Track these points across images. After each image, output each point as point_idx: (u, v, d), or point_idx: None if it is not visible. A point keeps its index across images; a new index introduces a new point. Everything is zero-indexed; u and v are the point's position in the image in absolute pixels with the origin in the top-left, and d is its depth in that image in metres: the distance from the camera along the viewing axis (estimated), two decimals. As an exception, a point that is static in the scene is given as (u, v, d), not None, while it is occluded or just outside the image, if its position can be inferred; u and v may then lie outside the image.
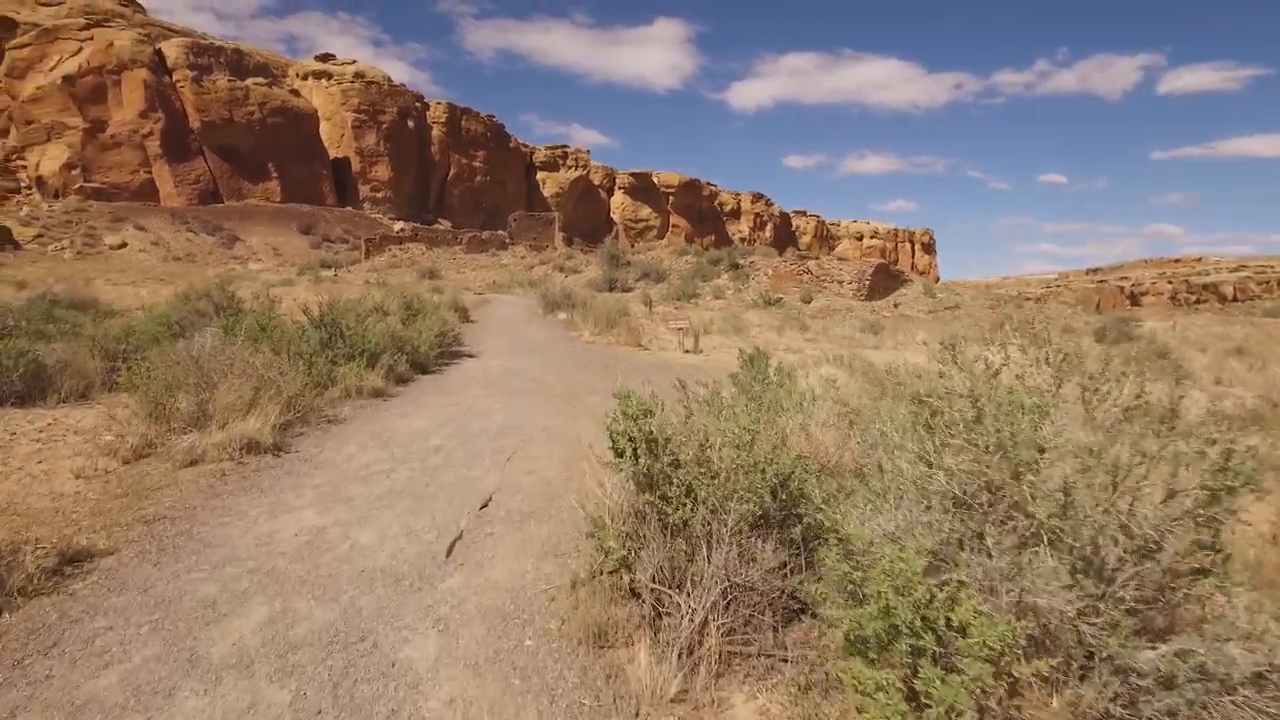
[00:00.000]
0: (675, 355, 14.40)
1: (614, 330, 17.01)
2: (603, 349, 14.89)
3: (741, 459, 3.28)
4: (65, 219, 55.12)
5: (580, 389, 9.63)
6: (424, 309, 13.28)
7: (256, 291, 16.68)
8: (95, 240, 53.19)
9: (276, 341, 8.63)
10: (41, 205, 57.22)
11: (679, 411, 4.23)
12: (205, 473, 5.44)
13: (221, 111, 65.56)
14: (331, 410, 7.65)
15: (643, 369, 12.03)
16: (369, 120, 76.25)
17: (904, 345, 21.08)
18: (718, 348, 16.09)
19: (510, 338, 15.95)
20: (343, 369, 8.53)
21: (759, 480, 3.22)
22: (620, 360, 13.14)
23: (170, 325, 12.88)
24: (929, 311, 36.70)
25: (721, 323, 21.26)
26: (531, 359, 12.48)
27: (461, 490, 5.29)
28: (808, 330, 21.73)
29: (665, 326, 20.44)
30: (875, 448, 3.88)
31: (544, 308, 22.19)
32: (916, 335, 23.01)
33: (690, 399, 4.61)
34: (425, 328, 11.13)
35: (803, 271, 37.74)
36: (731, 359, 15.03)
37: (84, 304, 19.10)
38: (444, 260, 53.86)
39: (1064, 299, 74.45)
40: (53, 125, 60.85)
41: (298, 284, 33.33)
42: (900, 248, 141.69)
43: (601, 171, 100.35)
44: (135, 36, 63.89)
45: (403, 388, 9.25)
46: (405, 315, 12.33)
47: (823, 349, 17.83)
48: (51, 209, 56.46)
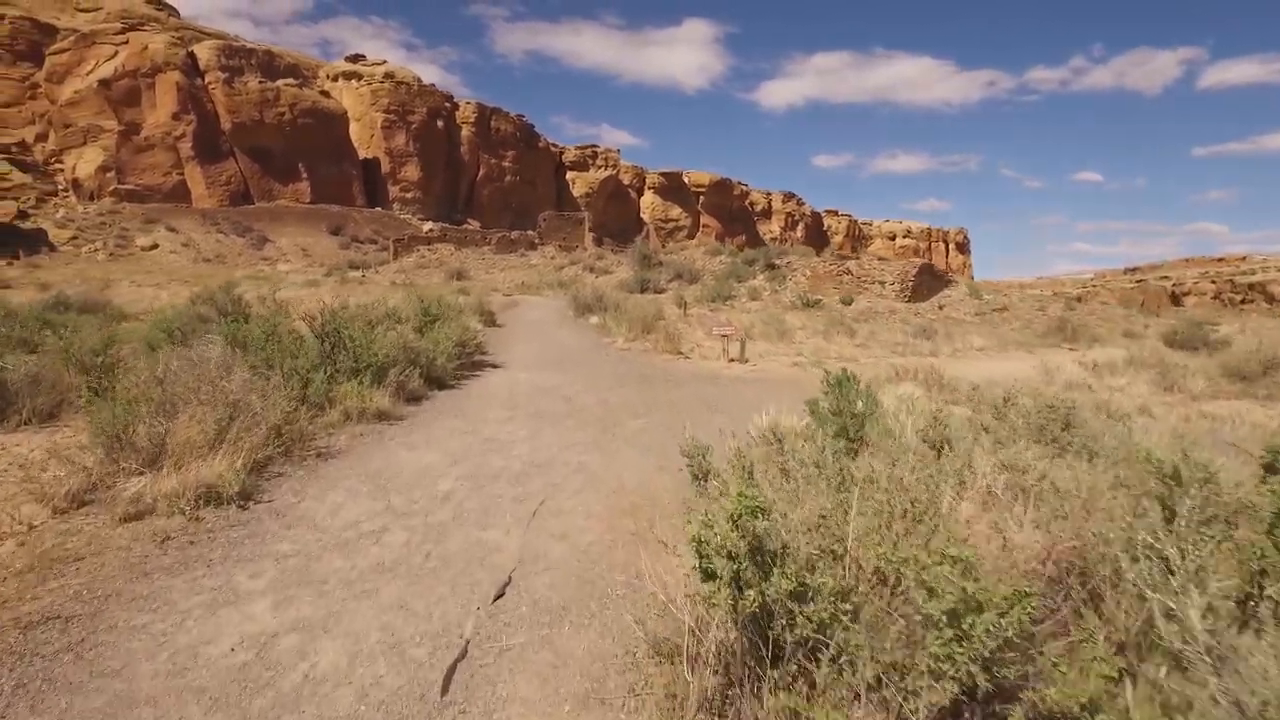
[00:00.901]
0: (719, 365, 13.00)
1: (650, 335, 15.67)
2: (639, 357, 13.55)
3: (934, 606, 1.90)
4: (99, 221, 55.49)
5: (618, 410, 8.30)
6: (444, 314, 12.06)
7: (263, 294, 15.61)
8: (128, 242, 53.41)
9: (270, 355, 7.44)
10: (77, 207, 57.74)
11: (788, 488, 2.85)
12: (146, 533, 4.21)
13: (252, 113, 65.68)
14: (325, 440, 6.41)
15: (687, 382, 10.67)
16: (398, 120, 76.00)
17: (962, 353, 19.39)
18: (764, 355, 14.66)
19: (539, 345, 14.69)
20: (343, 387, 7.30)
21: (972, 646, 1.84)
22: (660, 371, 11.79)
23: (171, 332, 11.88)
24: (975, 313, 34.74)
25: (763, 326, 19.79)
26: (562, 371, 11.18)
27: (471, 565, 3.98)
28: (855, 335, 20.15)
29: (706, 331, 19.07)
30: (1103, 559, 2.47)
31: (575, 310, 20.93)
32: (972, 340, 21.29)
33: (791, 459, 3.25)
34: (443, 336, 9.88)
35: (842, 272, 36.04)
36: (782, 369, 13.57)
37: (96, 307, 18.33)
38: (472, 261, 53.04)
39: (1102, 299, 71.22)
40: (89, 128, 61.43)
41: (323, 285, 32.60)
42: (934, 247, 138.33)
43: (631, 171, 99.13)
44: (169, 40, 64.30)
45: (414, 408, 7.99)
46: (422, 322, 11.10)
47: (877, 357, 16.30)
48: (86, 211, 56.91)
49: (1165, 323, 40.92)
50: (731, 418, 8.00)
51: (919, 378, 9.76)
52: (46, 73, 62.77)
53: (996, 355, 19.11)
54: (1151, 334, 33.99)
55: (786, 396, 9.54)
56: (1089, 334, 25.50)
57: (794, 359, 14.51)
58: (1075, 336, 25.09)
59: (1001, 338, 24.39)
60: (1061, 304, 36.65)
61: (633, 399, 9.00)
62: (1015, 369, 15.87)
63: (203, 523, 4.40)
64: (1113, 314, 44.07)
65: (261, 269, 51.66)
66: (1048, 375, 13.78)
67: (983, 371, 14.42)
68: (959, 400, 9.01)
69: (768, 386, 10.69)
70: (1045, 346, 22.74)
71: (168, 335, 11.79)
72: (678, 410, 8.34)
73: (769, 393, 10.00)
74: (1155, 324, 39.03)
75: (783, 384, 11.02)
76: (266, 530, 4.37)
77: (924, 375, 9.74)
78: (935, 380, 9.40)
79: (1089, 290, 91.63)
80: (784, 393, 10.09)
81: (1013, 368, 16.17)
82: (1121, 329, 32.32)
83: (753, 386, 10.61)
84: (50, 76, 62.89)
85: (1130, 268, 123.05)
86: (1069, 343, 24.33)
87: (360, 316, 9.54)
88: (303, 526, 4.46)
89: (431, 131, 77.81)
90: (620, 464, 5.99)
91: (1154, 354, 19.94)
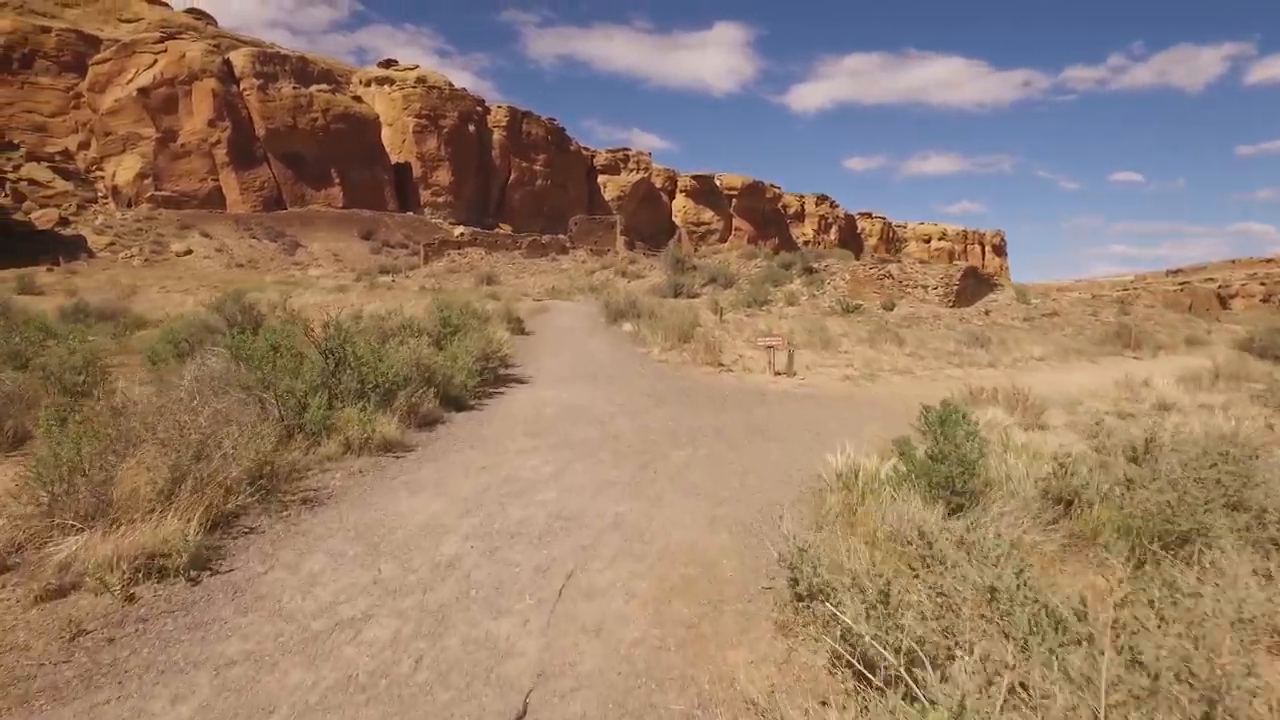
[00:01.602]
0: (765, 378, 11.83)
1: (688, 345, 14.57)
2: (677, 369, 12.45)
3: None
4: (136, 227, 56.17)
5: (658, 438, 7.21)
6: (466, 325, 11.06)
7: (275, 302, 14.80)
8: (163, 248, 53.96)
9: (268, 374, 6.52)
10: (115, 214, 58.58)
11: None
12: (57, 623, 3.24)
13: (286, 118, 66.10)
14: (318, 477, 5.44)
15: (732, 400, 9.54)
16: (430, 125, 75.99)
17: (1021, 363, 17.87)
18: (811, 367, 13.44)
19: (569, 355, 13.68)
20: (345, 412, 6.34)
21: None
22: (701, 387, 10.68)
23: (178, 344, 11.12)
24: (1024, 319, 32.96)
25: (805, 334, 18.54)
26: (594, 388, 10.13)
27: (475, 679, 2.93)
28: (903, 343, 18.79)
29: (746, 339, 17.92)
30: None
31: (607, 317, 19.88)
32: (1030, 349, 19.75)
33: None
34: (463, 350, 8.88)
35: (883, 276, 34.53)
36: (833, 383, 12.34)
37: (116, 314, 17.83)
38: (503, 265, 52.48)
39: (1146, 302, 68.03)
40: (128, 136, 62.34)
41: (351, 290, 32.10)
42: (970, 250, 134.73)
43: (663, 174, 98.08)
44: (205, 47, 65.06)
45: (426, 435, 6.99)
46: (443, 332, 10.11)
47: (932, 369, 14.99)
48: (124, 217, 57.69)
49: (1228, 328, 38.51)
50: (788, 447, 6.88)
51: (998, 397, 8.48)
52: (89, 82, 63.93)
53: (1059, 366, 17.63)
54: (1217, 340, 31.86)
55: (846, 417, 8.38)
56: (1152, 341, 23.73)
57: (844, 371, 13.29)
58: (1138, 344, 23.36)
59: (1059, 345, 22.80)
60: (1114, 308, 34.65)
61: (673, 423, 7.90)
62: (1087, 382, 14.43)
63: (135, 605, 3.42)
64: (1168, 318, 41.78)
65: (293, 274, 51.74)
66: (1130, 391, 12.36)
67: (1052, 385, 13.04)
68: (1050, 424, 7.74)
69: (821, 405, 9.53)
70: (1106, 355, 21.10)
71: (174, 347, 11.05)
72: (726, 438, 7.24)
73: (825, 413, 8.85)
74: (1218, 329, 36.73)
75: (837, 401, 9.85)
76: (215, 617, 3.37)
77: (1003, 394, 8.46)
78: (1019, 401, 8.12)
79: (1129, 293, 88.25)
80: (841, 413, 8.92)
81: (1084, 381, 14.73)
82: (1183, 335, 30.27)
83: (805, 405, 9.46)
84: (93, 86, 64.05)
85: (1172, 269, 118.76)
86: (1131, 350, 22.64)
87: (372, 329, 8.61)
88: (263, 611, 3.45)
89: (463, 135, 77.67)
90: (665, 515, 4.90)
91: (1236, 364, 18.25)
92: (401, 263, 57.26)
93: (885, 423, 8.34)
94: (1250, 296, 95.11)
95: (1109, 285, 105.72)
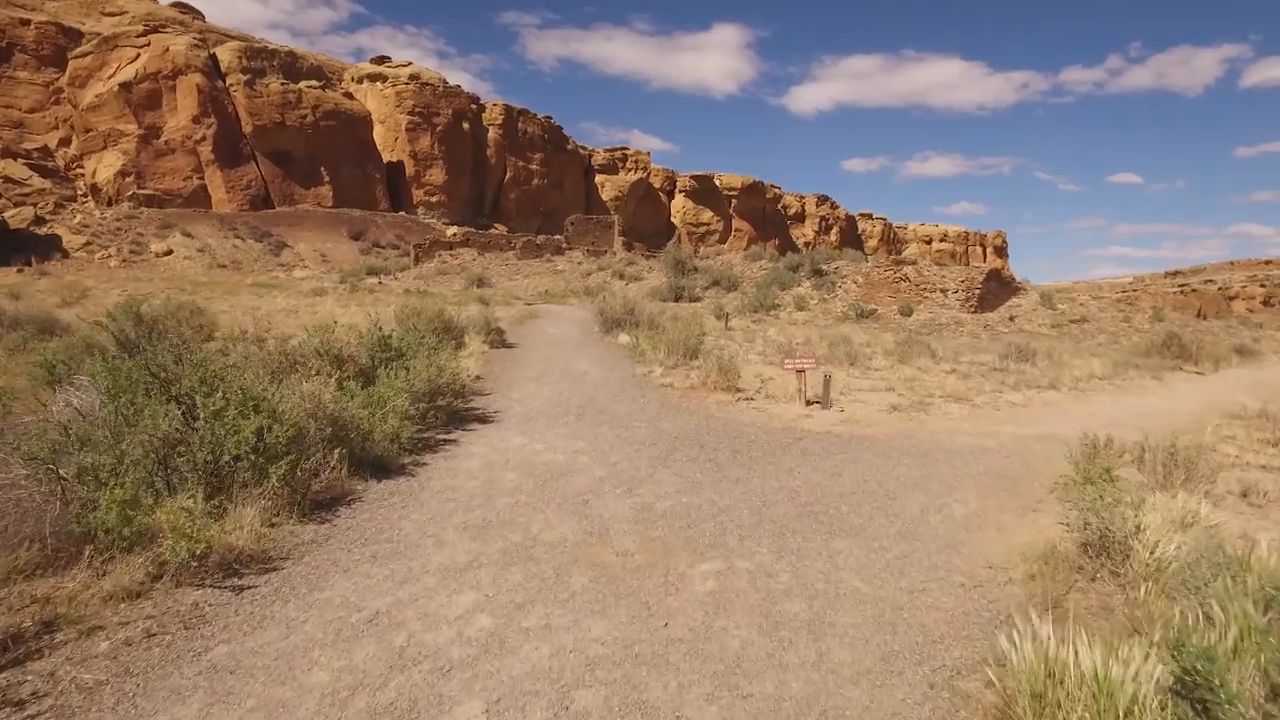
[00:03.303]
0: (795, 410, 9.47)
1: (694, 362, 12.27)
2: (684, 398, 10.10)
3: None
4: (115, 226, 53.88)
5: (669, 535, 4.87)
6: (420, 345, 8.67)
7: (183, 309, 12.31)
8: (142, 248, 51.65)
9: (62, 440, 4.22)
10: (94, 213, 56.25)
11: None
12: None
13: (274, 115, 63.75)
14: (64, 652, 3.12)
15: (763, 450, 7.21)
16: (423, 123, 73.68)
17: (1084, 384, 15.26)
18: (846, 392, 11.08)
19: (553, 379, 11.34)
20: (172, 504, 4.02)
21: None
22: (717, 425, 8.35)
23: (53, 368, 8.80)
24: (1052, 326, 30.61)
25: (826, 347, 16.22)
26: (579, 431, 7.78)
27: None
28: (937, 356, 16.41)
29: (757, 349, 15.60)
30: None
31: (602, 326, 17.56)
32: (1089, 364, 17.34)
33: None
34: (398, 388, 6.52)
35: (899, 279, 32.20)
36: (880, 415, 9.91)
37: (38, 321, 15.47)
38: (495, 266, 50.18)
39: (1143, 303, 65.69)
40: (109, 132, 60.02)
41: (329, 294, 29.71)
42: (971, 251, 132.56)
43: (662, 174, 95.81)
44: (190, 42, 62.75)
45: (312, 530, 4.66)
46: (381, 359, 7.68)
47: (989, 394, 12.59)
48: (103, 216, 55.37)
49: (1272, 335, 36.18)
50: (866, 552, 4.58)
51: (1143, 458, 6.08)
52: (69, 77, 61.62)
53: (1124, 385, 15.18)
54: (1265, 349, 29.53)
55: (923, 479, 5.99)
56: (1210, 353, 21.33)
57: (886, 397, 10.92)
58: (1193, 356, 20.95)
59: (1107, 358, 20.46)
60: (1148, 314, 32.31)
61: (688, 498, 5.58)
62: (1175, 409, 12.02)
63: None
64: (1206, 325, 39.45)
65: (276, 275, 49.44)
66: (1250, 423, 9.95)
67: (1140, 415, 10.68)
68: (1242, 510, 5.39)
69: (881, 455, 7.20)
70: (1165, 370, 18.57)
71: (47, 372, 8.74)
72: (767, 527, 4.94)
73: (891, 472, 6.53)
74: (1263, 336, 34.42)
75: (897, 449, 7.52)
76: None
77: (1145, 451, 6.07)
78: (1174, 463, 5.75)
79: (1129, 294, 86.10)
80: (912, 471, 6.60)
81: (1166, 406, 12.34)
82: (1228, 344, 27.86)
83: (859, 456, 7.13)
84: (73, 80, 61.72)
85: (1171, 271, 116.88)
86: (1190, 364, 20.26)
87: (270, 359, 6.27)
88: None
89: (457, 133, 75.37)
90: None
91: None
92: (391, 264, 54.96)
93: (981, 489, 6.03)
94: (1250, 299, 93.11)
95: (1109, 286, 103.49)
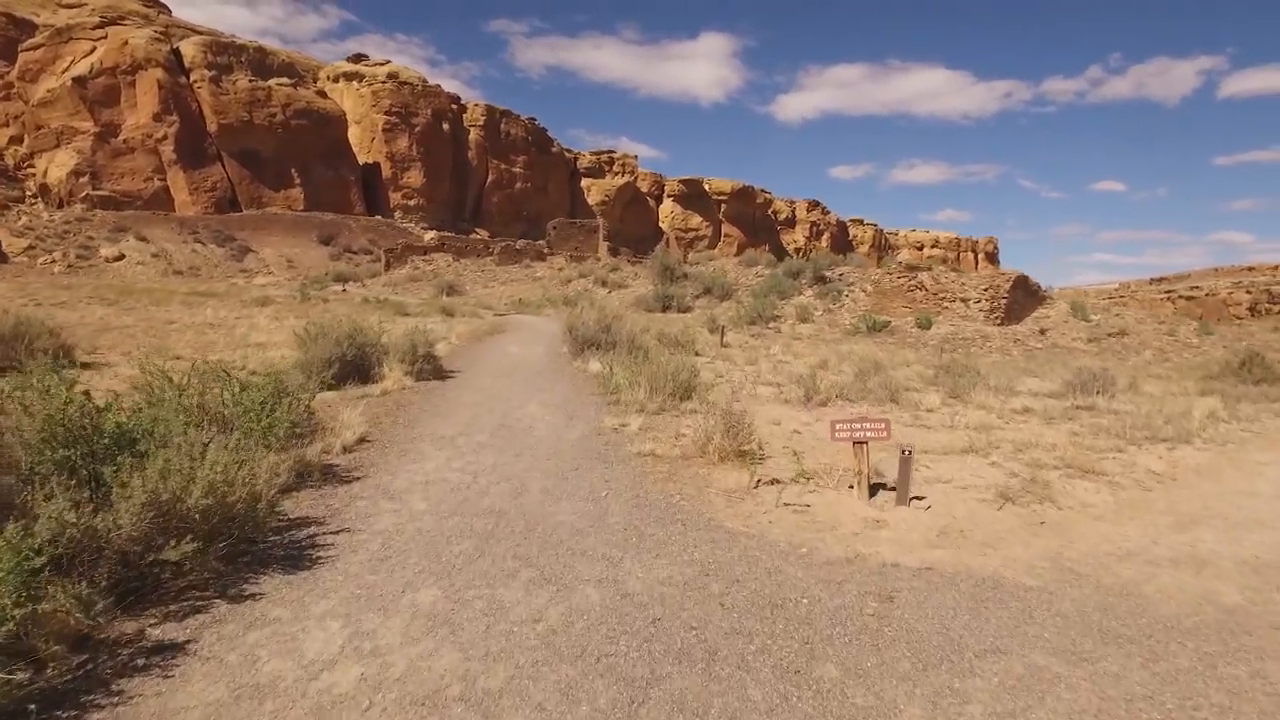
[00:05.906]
0: (853, 510, 6.02)
1: (687, 404, 9.06)
2: (672, 483, 6.29)
3: None
4: (63, 229, 50.14)
5: None
6: (254, 405, 5.37)
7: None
8: (91, 252, 47.93)
9: None
10: (42, 215, 52.46)
11: None
12: None
13: (241, 113, 60.23)
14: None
15: (840, 667, 3.97)
16: (401, 123, 70.34)
17: (1216, 434, 11.71)
18: (923, 463, 7.72)
19: (478, 442, 7.51)
20: None
21: None
22: (736, 561, 4.42)
23: None
24: (1089, 340, 27.57)
25: (852, 374, 13.05)
26: (466, 594, 3.74)
27: None
28: (989, 383, 13.20)
29: (763, 380, 12.37)
30: None
31: (571, 347, 14.31)
32: (1191, 398, 14.06)
33: None
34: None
35: (914, 286, 29.13)
36: (994, 518, 5.70)
37: None
38: (471, 273, 46.90)
39: (1162, 311, 63.71)
40: (62, 130, 56.35)
41: (273, 305, 26.24)
42: (963, 257, 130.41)
43: (650, 178, 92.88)
44: (151, 35, 59.19)
45: None
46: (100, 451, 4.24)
47: (1110, 455, 9.40)
48: (51, 218, 51.61)
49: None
50: None
51: None
52: (19, 70, 57.91)
53: (1261, 430, 11.65)
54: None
55: None
56: (1283, 373, 18.22)
57: (976, 465, 7.46)
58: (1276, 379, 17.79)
59: (1177, 382, 17.38)
60: (1194, 325, 29.35)
61: None
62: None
63: None
64: (1231, 332, 36.66)
65: (236, 282, 45.88)
66: None
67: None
68: None
69: (1054, 651, 3.94)
70: (1243, 397, 15.20)
71: None
72: None
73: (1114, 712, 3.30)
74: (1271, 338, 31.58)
75: (1080, 623, 4.24)
76: None
77: None
78: None
79: (1115, 301, 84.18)
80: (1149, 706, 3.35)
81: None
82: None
83: (1029, 655, 3.84)
84: (23, 75, 58.02)
85: (1156, 278, 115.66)
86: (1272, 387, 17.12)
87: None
88: None
89: (436, 135, 72.07)
90: None
91: None
92: (362, 270, 51.54)
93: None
94: (1236, 305, 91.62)
95: (1094, 293, 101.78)
